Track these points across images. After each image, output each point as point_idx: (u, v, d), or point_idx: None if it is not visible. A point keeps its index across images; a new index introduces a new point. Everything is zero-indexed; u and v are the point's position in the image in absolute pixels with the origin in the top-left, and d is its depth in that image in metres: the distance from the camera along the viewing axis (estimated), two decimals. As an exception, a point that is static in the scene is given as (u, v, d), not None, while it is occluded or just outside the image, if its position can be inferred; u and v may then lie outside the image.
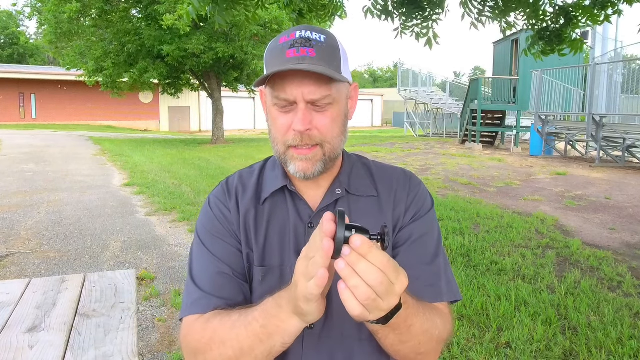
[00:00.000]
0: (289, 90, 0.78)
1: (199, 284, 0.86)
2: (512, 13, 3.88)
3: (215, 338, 0.78)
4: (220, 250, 0.87)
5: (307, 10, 3.83)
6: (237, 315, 0.77)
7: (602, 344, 2.66)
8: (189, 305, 0.85)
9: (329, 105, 0.81)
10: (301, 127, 0.79)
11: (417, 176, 0.97)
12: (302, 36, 0.79)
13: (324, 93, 0.79)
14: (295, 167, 0.83)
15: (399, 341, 0.75)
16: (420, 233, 0.88)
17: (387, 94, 42.22)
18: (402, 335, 0.73)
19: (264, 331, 0.72)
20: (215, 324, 0.79)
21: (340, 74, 0.80)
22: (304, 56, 0.77)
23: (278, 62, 0.78)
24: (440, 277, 0.88)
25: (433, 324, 0.79)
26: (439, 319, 0.81)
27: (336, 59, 0.80)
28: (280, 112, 0.81)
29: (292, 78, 0.78)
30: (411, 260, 0.86)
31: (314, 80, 0.78)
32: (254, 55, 15.67)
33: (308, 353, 0.84)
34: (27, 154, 12.68)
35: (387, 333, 0.72)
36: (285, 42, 0.80)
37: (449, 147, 14.30)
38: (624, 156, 9.94)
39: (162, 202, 6.56)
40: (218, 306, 0.82)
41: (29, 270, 3.99)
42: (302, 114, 0.79)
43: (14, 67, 29.86)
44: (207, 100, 25.86)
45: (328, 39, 0.81)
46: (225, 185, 0.94)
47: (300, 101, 0.79)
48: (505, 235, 4.82)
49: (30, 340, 1.40)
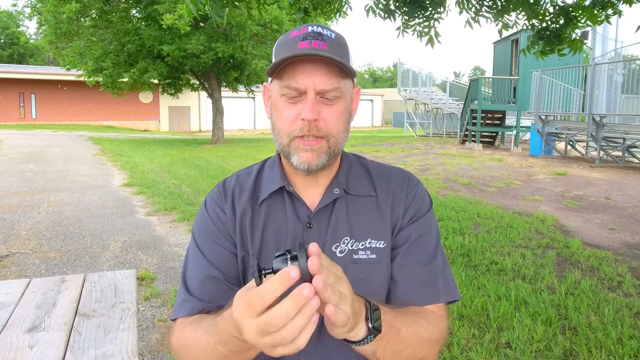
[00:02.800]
0: (300, 78, 0.79)
1: (188, 286, 0.86)
2: (511, 13, 3.88)
3: (188, 351, 0.78)
4: (212, 253, 0.87)
5: (312, 8, 3.82)
6: (203, 334, 0.75)
7: (602, 344, 2.66)
8: (176, 307, 0.86)
9: (337, 99, 0.82)
10: (310, 115, 0.79)
11: (417, 176, 0.96)
12: (314, 30, 0.81)
13: (334, 85, 0.80)
14: (300, 157, 0.83)
15: (396, 353, 0.75)
16: (418, 234, 0.88)
17: (387, 94, 42.21)
18: (395, 344, 0.74)
19: (232, 354, 0.70)
20: (185, 334, 0.80)
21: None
22: (316, 48, 0.78)
23: (290, 53, 0.78)
24: (437, 278, 0.88)
25: (419, 326, 0.79)
26: (423, 320, 0.81)
27: (345, 56, 0.82)
28: (288, 102, 0.82)
29: (304, 67, 0.79)
30: (409, 261, 0.87)
31: (325, 72, 0.79)
32: (254, 55, 15.67)
33: (306, 354, 0.82)
34: (27, 154, 12.67)
35: (384, 347, 0.73)
36: (297, 35, 0.81)
37: (449, 147, 14.29)
38: (624, 156, 9.93)
39: (162, 202, 6.56)
40: (203, 309, 0.82)
41: (29, 270, 3.99)
42: (312, 103, 0.79)
43: (14, 67, 29.85)
44: (207, 100, 25.86)
45: (338, 37, 0.83)
46: (222, 187, 0.94)
47: (310, 91, 0.79)
48: (505, 235, 4.82)
49: (30, 340, 1.40)
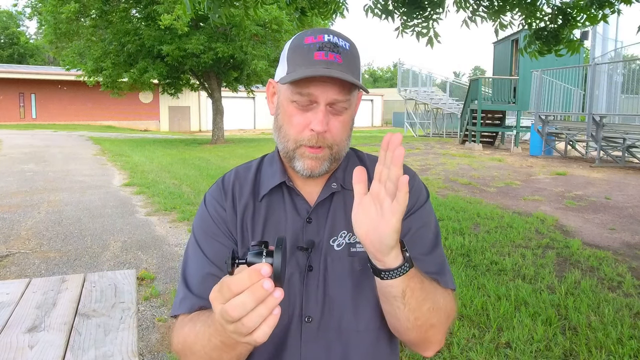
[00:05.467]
0: (314, 89, 0.80)
1: (188, 283, 0.87)
2: (508, 13, 3.87)
3: (186, 345, 0.79)
4: (212, 250, 0.87)
5: (308, 8, 3.82)
6: (200, 325, 0.76)
7: (602, 344, 2.66)
8: (176, 304, 0.87)
9: (345, 110, 0.83)
10: (320, 127, 0.80)
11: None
12: (330, 40, 0.81)
13: (345, 97, 0.82)
14: (304, 164, 0.84)
15: (420, 301, 0.75)
16: (417, 226, 0.89)
17: (387, 94, 42.18)
18: (420, 292, 0.74)
19: (224, 346, 0.71)
20: (186, 330, 0.80)
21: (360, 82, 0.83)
22: (331, 61, 0.79)
23: (305, 62, 0.79)
24: (443, 266, 0.89)
25: (436, 289, 0.80)
26: (439, 293, 0.81)
27: (357, 67, 0.84)
28: (298, 109, 0.82)
29: (319, 80, 0.79)
30: (412, 252, 0.86)
31: (338, 85, 0.80)
32: (253, 55, 15.66)
33: (306, 346, 0.84)
34: (27, 154, 12.68)
35: (413, 289, 0.73)
36: (313, 43, 0.81)
37: (449, 147, 14.30)
38: (624, 156, 9.94)
39: (162, 202, 6.56)
40: (203, 307, 0.83)
41: (29, 270, 3.99)
42: (323, 115, 0.80)
43: (14, 67, 29.84)
44: (207, 100, 25.89)
45: (352, 47, 0.84)
46: (222, 183, 0.94)
47: (322, 102, 0.80)
48: (505, 235, 4.82)
49: (30, 340, 1.40)
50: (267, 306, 0.56)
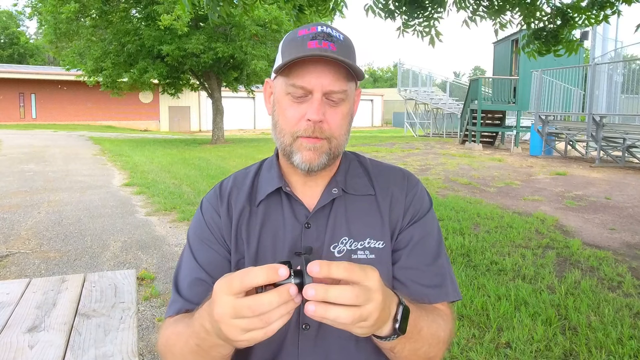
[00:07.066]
0: (308, 78, 0.78)
1: (178, 287, 0.87)
2: (507, 12, 3.87)
3: (167, 347, 0.79)
4: (204, 257, 0.87)
5: (307, 5, 3.81)
6: (182, 327, 0.77)
7: (602, 344, 2.66)
8: (168, 307, 0.87)
9: (342, 101, 0.82)
10: (316, 116, 0.79)
11: (417, 176, 0.96)
12: (323, 31, 0.80)
13: (341, 87, 0.80)
14: (302, 156, 0.82)
15: (413, 351, 0.74)
16: (420, 235, 0.88)
17: (387, 94, 42.20)
18: (416, 343, 0.73)
19: (199, 350, 0.71)
20: (169, 331, 0.81)
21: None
22: (325, 49, 0.78)
23: (299, 51, 0.78)
24: (445, 277, 0.87)
25: (438, 326, 0.79)
26: (441, 319, 0.81)
27: (352, 59, 0.82)
28: (293, 102, 0.81)
29: (313, 67, 0.78)
30: (414, 262, 0.86)
31: (333, 73, 0.78)
32: (253, 55, 15.66)
33: (304, 355, 0.83)
34: (27, 154, 12.67)
35: (404, 344, 0.72)
36: (306, 34, 0.80)
37: (449, 147, 14.30)
38: (624, 156, 9.93)
39: (162, 202, 6.56)
40: (189, 310, 0.83)
41: (29, 270, 3.99)
42: (318, 104, 0.79)
43: (14, 67, 29.85)
44: (207, 100, 25.88)
45: (346, 39, 0.83)
46: (219, 189, 0.93)
47: (317, 91, 0.79)
48: (505, 235, 4.82)
49: (30, 340, 1.40)
50: (288, 306, 0.58)
